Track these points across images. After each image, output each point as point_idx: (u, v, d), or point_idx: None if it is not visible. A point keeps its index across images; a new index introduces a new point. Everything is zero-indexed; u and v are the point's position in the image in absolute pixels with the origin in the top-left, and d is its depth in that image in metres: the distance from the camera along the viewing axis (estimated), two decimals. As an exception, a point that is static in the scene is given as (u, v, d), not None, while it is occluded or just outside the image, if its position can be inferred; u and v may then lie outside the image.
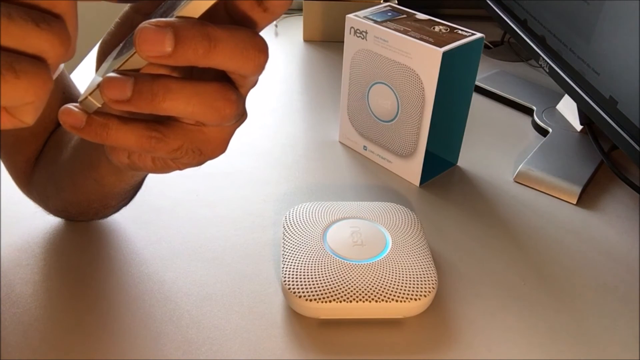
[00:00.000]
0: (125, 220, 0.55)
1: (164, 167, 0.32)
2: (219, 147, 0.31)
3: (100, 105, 0.27)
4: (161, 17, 0.25)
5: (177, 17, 0.25)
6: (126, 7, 0.32)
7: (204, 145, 0.30)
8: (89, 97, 0.27)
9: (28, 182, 0.51)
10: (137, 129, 0.28)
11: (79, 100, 0.27)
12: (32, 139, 0.49)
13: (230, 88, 0.27)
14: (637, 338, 0.45)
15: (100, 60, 0.33)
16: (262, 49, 0.26)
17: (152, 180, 0.60)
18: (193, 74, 0.29)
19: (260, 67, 0.26)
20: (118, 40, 0.32)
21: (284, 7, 0.26)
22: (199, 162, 0.31)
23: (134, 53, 0.25)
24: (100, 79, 0.27)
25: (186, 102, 0.26)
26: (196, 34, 0.24)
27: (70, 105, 0.27)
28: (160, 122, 0.29)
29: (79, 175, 0.43)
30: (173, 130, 0.29)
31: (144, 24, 0.24)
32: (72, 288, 0.48)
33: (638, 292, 0.50)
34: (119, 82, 0.25)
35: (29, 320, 0.45)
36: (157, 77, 0.26)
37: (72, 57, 0.25)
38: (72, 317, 0.45)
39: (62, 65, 0.50)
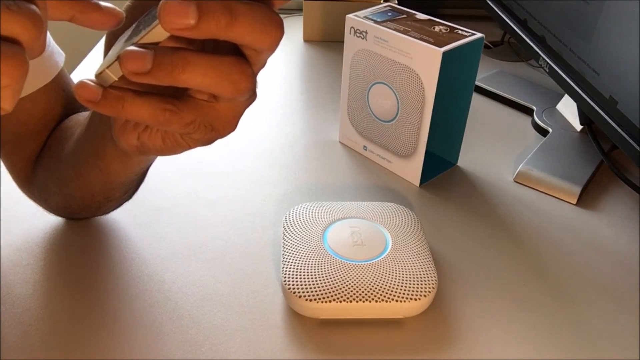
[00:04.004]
0: (125, 220, 0.55)
1: (174, 146, 0.33)
2: (230, 124, 0.31)
3: (116, 79, 0.28)
4: None
5: None
6: None
7: (216, 121, 0.31)
8: (106, 71, 0.27)
9: (28, 180, 0.51)
10: (152, 102, 0.28)
11: (95, 74, 0.28)
12: (33, 137, 0.49)
13: (245, 62, 0.28)
14: (637, 338, 0.45)
15: (109, 45, 0.33)
16: (278, 25, 0.27)
17: (152, 180, 0.60)
18: (205, 50, 0.29)
19: (276, 43, 0.27)
20: (129, 23, 0.32)
21: None
22: (210, 139, 0.32)
23: (155, 27, 0.26)
24: (115, 53, 0.28)
25: (204, 73, 0.27)
26: (218, 7, 0.25)
27: (86, 79, 0.28)
28: (174, 97, 0.29)
29: (83, 167, 0.43)
30: (187, 105, 0.29)
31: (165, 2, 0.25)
32: (72, 288, 0.48)
33: (638, 292, 0.50)
34: (139, 54, 0.26)
35: (29, 320, 0.45)
36: (176, 49, 0.27)
37: (43, 50, 0.24)
38: (72, 317, 0.45)
39: (62, 64, 0.50)
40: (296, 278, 0.45)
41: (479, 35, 0.57)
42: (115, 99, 0.28)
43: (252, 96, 0.30)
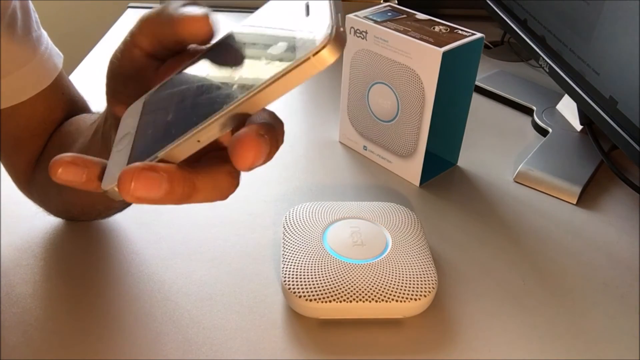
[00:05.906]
0: (125, 220, 0.55)
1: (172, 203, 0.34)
2: (228, 191, 0.32)
3: None
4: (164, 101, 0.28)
5: (163, 159, 0.27)
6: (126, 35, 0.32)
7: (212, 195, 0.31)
8: (115, 188, 0.28)
9: (28, 183, 0.51)
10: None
11: (103, 188, 0.28)
12: (32, 140, 0.49)
13: (236, 174, 0.29)
14: (637, 338, 0.45)
15: (111, 78, 0.34)
16: (235, 185, 0.29)
17: (152, 180, 0.60)
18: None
19: (229, 195, 0.29)
20: (122, 70, 0.33)
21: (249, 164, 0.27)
22: (208, 202, 0.33)
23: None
24: (117, 168, 0.28)
25: (206, 196, 0.28)
26: (182, 181, 0.26)
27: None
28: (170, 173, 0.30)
29: None
30: (181, 180, 0.30)
31: (139, 172, 0.25)
32: (72, 288, 0.48)
33: (638, 292, 0.50)
34: (153, 178, 0.26)
35: (29, 320, 0.45)
36: (187, 177, 0.27)
37: None
38: (72, 317, 0.45)
39: (60, 66, 0.50)
40: (296, 278, 0.45)
41: (479, 35, 0.57)
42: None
43: None
